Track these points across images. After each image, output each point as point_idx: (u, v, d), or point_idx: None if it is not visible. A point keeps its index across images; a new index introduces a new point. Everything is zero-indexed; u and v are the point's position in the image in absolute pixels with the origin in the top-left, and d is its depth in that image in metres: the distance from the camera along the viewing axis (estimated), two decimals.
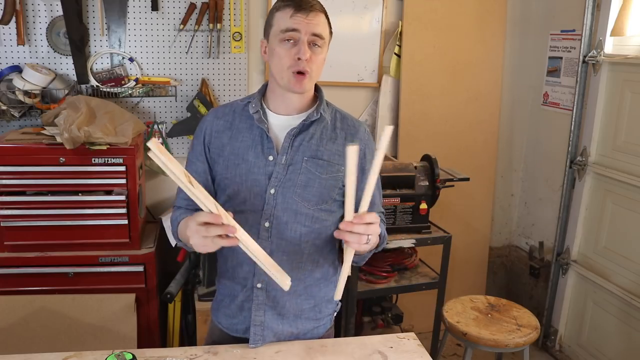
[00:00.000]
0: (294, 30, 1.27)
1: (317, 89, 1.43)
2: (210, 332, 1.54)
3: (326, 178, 1.37)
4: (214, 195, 1.46)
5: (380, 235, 1.40)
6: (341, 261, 1.39)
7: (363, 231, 1.19)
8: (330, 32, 1.37)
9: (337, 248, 1.52)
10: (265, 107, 1.40)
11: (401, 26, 2.91)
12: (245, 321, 1.42)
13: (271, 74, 1.35)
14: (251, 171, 1.36)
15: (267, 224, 1.36)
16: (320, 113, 1.37)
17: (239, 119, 1.40)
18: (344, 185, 1.38)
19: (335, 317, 2.48)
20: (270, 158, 1.35)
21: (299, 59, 1.27)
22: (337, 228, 1.44)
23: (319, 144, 1.37)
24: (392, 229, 2.33)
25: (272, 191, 1.35)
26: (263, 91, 1.42)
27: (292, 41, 1.28)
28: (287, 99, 1.37)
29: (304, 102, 1.39)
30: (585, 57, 2.70)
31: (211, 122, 1.43)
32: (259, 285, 1.38)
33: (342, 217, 1.46)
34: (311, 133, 1.37)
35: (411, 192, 2.34)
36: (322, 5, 1.33)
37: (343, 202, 1.42)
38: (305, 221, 1.37)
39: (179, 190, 1.47)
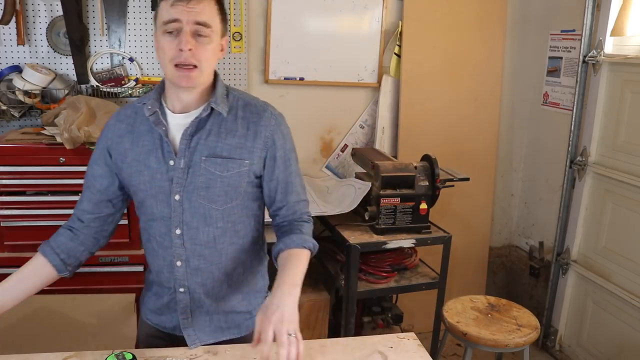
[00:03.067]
0: (175, 20, 1.18)
1: (216, 77, 1.34)
2: (141, 326, 1.52)
3: (228, 176, 1.29)
4: (125, 199, 1.40)
5: (308, 248, 1.34)
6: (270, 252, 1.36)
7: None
8: (224, 18, 1.27)
9: (261, 240, 1.47)
10: (165, 106, 1.31)
11: (401, 26, 2.91)
12: (173, 320, 1.40)
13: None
14: (154, 178, 1.29)
15: (178, 231, 1.31)
16: (212, 107, 1.28)
17: (140, 120, 1.32)
18: (257, 177, 1.33)
19: (335, 317, 2.49)
20: (172, 162, 1.28)
21: (181, 50, 1.18)
22: (258, 222, 1.40)
23: (218, 140, 1.28)
24: (392, 229, 2.34)
25: (177, 197, 1.29)
26: (162, 89, 1.33)
27: (174, 32, 1.19)
28: (180, 95, 1.28)
29: (199, 97, 1.29)
30: (585, 57, 2.70)
31: (113, 125, 1.36)
32: (181, 290, 1.35)
33: (260, 207, 1.41)
34: (208, 130, 1.28)
35: (411, 192, 2.34)
36: None
37: (256, 193, 1.36)
38: (217, 223, 1.32)
39: (84, 195, 1.40)
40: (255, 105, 1.34)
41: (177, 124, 1.30)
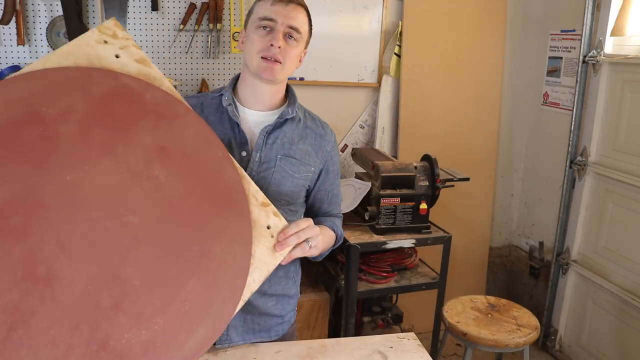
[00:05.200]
0: (271, 19, 1.27)
1: (287, 88, 1.42)
2: None
3: (298, 177, 1.36)
4: None
5: (336, 234, 1.45)
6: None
7: (298, 238, 1.20)
8: (310, 31, 1.37)
9: None
10: (236, 101, 1.38)
11: (401, 26, 2.91)
12: None
13: (243, 64, 1.34)
14: None
15: None
16: (296, 111, 1.37)
17: (208, 111, 1.37)
18: (309, 185, 1.41)
19: (335, 317, 2.49)
20: (244, 154, 1.33)
21: (271, 45, 1.26)
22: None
23: (292, 143, 1.36)
24: (392, 229, 2.33)
25: None
26: (234, 84, 1.40)
27: (267, 29, 1.28)
28: (258, 91, 1.34)
29: (275, 99, 1.37)
30: (585, 57, 2.70)
31: None
32: None
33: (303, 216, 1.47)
34: (284, 131, 1.36)
35: (411, 192, 2.34)
36: (303, 2, 1.34)
37: (304, 202, 1.45)
38: None
39: None
40: (319, 120, 1.46)
41: (250, 119, 1.36)
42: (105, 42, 1.08)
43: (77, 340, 0.93)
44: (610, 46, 2.63)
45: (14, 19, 2.37)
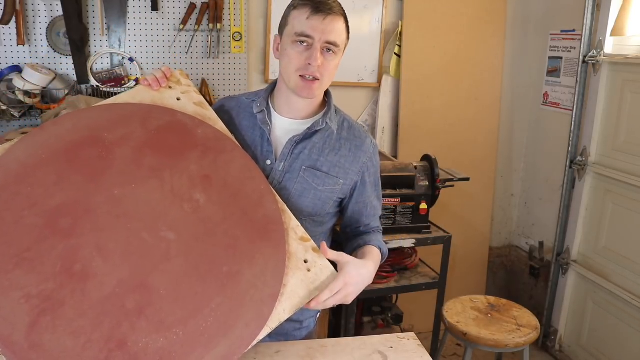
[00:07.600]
0: (308, 36, 1.22)
1: (326, 93, 1.39)
2: None
3: (322, 190, 1.33)
4: None
5: (382, 253, 1.40)
6: None
7: (335, 301, 1.18)
8: (348, 37, 1.33)
9: None
10: (271, 107, 1.35)
11: (401, 26, 2.91)
12: None
13: (280, 74, 1.31)
14: None
15: None
16: (327, 122, 1.33)
17: (243, 115, 1.36)
18: (339, 198, 1.38)
19: (335, 317, 2.49)
20: (268, 162, 1.31)
21: (309, 64, 1.23)
22: (329, 242, 1.42)
23: (320, 154, 1.33)
24: (392, 229, 2.33)
25: None
26: (270, 90, 1.38)
27: (305, 44, 1.23)
28: (293, 102, 1.32)
29: (311, 107, 1.35)
30: (585, 57, 2.70)
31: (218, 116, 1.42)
32: None
33: (332, 228, 1.45)
34: (314, 142, 1.33)
35: (411, 192, 2.34)
36: (341, 8, 1.28)
37: (336, 214, 1.42)
38: None
39: None
40: (359, 130, 1.40)
41: (283, 127, 1.34)
42: (170, 87, 1.27)
43: (97, 336, 0.99)
44: (610, 46, 2.63)
45: (14, 19, 2.38)
